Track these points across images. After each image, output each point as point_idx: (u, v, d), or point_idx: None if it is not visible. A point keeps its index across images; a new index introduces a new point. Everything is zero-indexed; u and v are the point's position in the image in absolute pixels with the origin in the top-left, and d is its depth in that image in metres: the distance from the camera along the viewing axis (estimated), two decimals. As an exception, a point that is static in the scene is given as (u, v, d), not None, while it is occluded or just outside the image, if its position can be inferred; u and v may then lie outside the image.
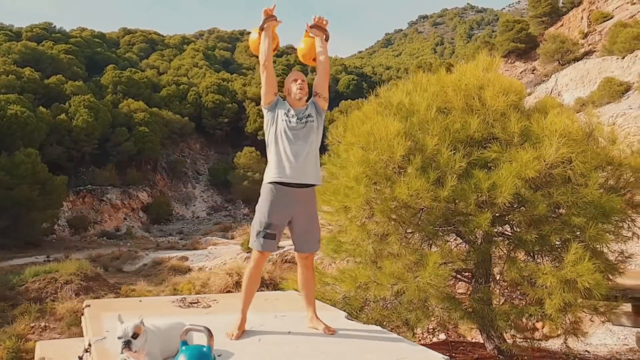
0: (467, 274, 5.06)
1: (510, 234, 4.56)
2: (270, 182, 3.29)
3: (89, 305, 3.83)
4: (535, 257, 4.57)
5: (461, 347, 5.62)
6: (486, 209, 4.21)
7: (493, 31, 79.73)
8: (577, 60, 36.62)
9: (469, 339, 6.73)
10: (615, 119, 23.82)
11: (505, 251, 4.63)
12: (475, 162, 4.40)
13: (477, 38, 77.32)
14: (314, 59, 3.61)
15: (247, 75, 67.34)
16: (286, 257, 29.93)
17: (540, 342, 4.92)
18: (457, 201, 4.29)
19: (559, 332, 4.59)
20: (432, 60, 55.46)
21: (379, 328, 3.59)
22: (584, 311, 4.37)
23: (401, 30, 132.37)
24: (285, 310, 3.93)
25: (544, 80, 38.83)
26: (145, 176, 48.63)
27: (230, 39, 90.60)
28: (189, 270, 27.97)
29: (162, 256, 30.39)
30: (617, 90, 29.01)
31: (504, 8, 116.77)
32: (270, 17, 3.41)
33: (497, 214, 4.35)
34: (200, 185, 56.17)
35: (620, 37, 33.09)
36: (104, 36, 73.33)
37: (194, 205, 53.45)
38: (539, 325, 4.81)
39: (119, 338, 2.50)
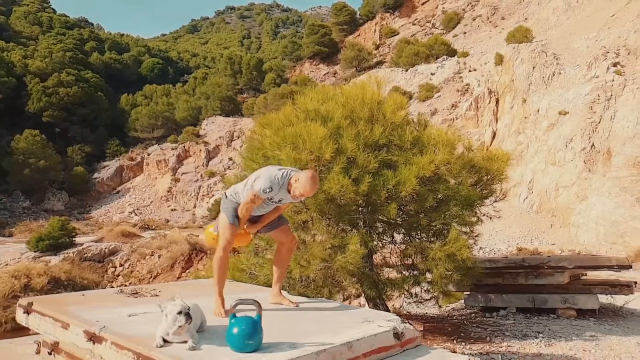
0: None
1: (405, 221, 5.63)
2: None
3: (32, 303, 3.58)
4: (420, 237, 5.75)
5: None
6: (391, 201, 5.18)
7: (297, 31, 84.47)
8: (371, 69, 41.76)
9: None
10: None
11: (400, 235, 5.70)
12: (380, 163, 5.33)
13: (284, 36, 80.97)
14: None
15: (29, 47, 58.35)
16: (85, 256, 27.40)
17: (422, 304, 6.15)
18: (370, 195, 5.15)
19: (434, 295, 5.87)
20: (242, 54, 56.37)
21: (326, 299, 4.22)
22: (453, 277, 5.67)
23: (208, 18, 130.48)
24: (232, 293, 4.24)
25: (344, 84, 42.90)
26: None
27: (4, 1, 77.05)
28: (-44, 274, 23.57)
29: None
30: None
31: (307, 10, 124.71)
32: None
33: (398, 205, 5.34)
34: (-35, 173, 46.83)
35: (405, 52, 38.87)
36: None
37: (-44, 198, 44.45)
38: (418, 291, 6.03)
39: (178, 313, 2.74)
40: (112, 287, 21.70)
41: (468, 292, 7.71)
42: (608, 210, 19.07)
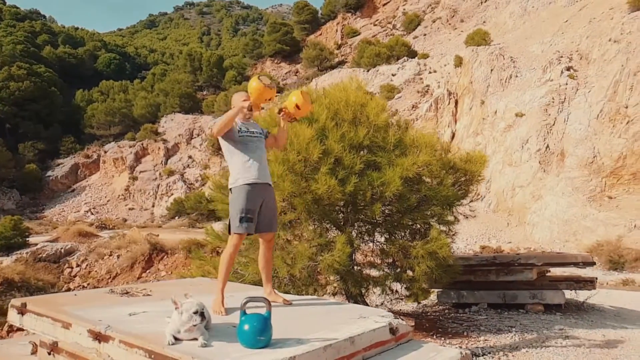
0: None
1: (386, 220, 5.76)
2: (242, 184, 3.77)
3: (25, 304, 3.49)
4: (401, 236, 5.90)
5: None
6: (375, 201, 5.30)
7: (258, 29, 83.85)
8: (333, 68, 42.01)
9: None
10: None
11: (383, 234, 5.83)
12: (364, 164, 5.44)
13: (245, 34, 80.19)
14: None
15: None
16: (40, 256, 26.35)
17: (401, 300, 6.31)
18: (355, 195, 5.25)
19: (413, 291, 6.03)
20: (202, 50, 55.50)
21: (317, 297, 4.28)
22: (434, 274, 5.84)
23: (166, 13, 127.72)
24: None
25: (305, 83, 43.05)
26: None
27: (-54, -12, 72.88)
28: None
29: None
30: (365, 98, 34.52)
31: (267, 8, 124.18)
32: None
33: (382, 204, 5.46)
34: None
35: (366, 52, 39.28)
36: None
37: None
38: (398, 288, 6.18)
39: (194, 313, 2.79)
40: (70, 288, 20.96)
41: (441, 289, 7.95)
42: (561, 209, 19.98)
